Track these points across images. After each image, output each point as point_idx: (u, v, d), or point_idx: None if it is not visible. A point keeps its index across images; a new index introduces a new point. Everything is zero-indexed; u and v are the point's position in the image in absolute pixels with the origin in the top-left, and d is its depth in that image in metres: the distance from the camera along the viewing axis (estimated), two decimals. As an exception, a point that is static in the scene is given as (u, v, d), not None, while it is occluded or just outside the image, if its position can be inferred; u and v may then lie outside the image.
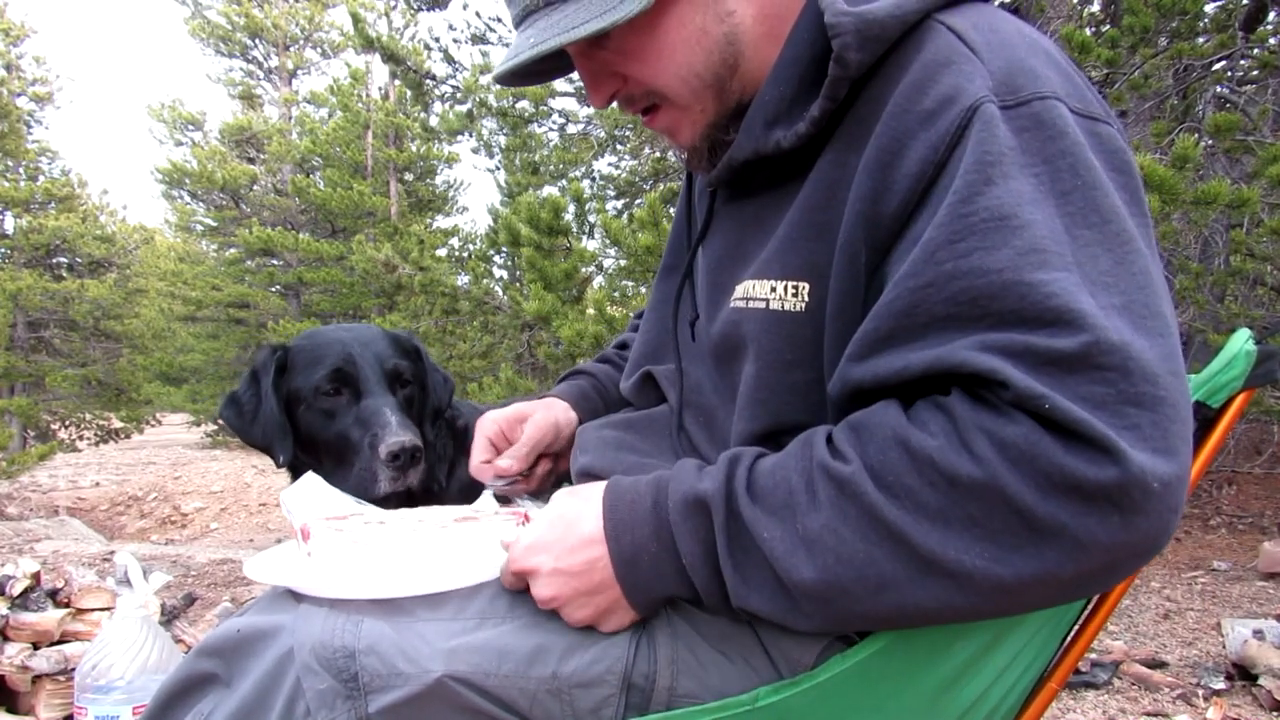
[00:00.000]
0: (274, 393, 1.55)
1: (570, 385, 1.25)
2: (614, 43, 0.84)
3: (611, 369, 1.29)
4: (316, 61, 18.14)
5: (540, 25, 0.82)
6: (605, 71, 0.88)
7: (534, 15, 0.83)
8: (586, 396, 1.22)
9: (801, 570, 0.67)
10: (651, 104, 0.89)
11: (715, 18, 0.82)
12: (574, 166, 10.05)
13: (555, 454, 1.19)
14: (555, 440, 1.16)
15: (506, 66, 0.84)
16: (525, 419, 1.15)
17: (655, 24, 0.81)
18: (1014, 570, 0.61)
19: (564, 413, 1.18)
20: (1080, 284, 0.63)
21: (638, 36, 0.82)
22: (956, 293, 0.65)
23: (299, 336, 1.67)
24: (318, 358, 1.57)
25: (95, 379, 16.43)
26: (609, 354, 1.33)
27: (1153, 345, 0.62)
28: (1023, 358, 0.62)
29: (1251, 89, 4.70)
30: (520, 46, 0.83)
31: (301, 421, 1.57)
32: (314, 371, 1.56)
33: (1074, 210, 0.66)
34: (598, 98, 0.90)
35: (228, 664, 0.79)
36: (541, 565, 0.77)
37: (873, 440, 0.67)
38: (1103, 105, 0.75)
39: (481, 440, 1.14)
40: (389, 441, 1.45)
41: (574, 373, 1.30)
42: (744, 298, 0.85)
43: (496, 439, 1.14)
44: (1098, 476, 0.58)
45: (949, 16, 0.76)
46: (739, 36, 0.83)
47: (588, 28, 0.78)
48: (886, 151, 0.72)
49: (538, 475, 1.17)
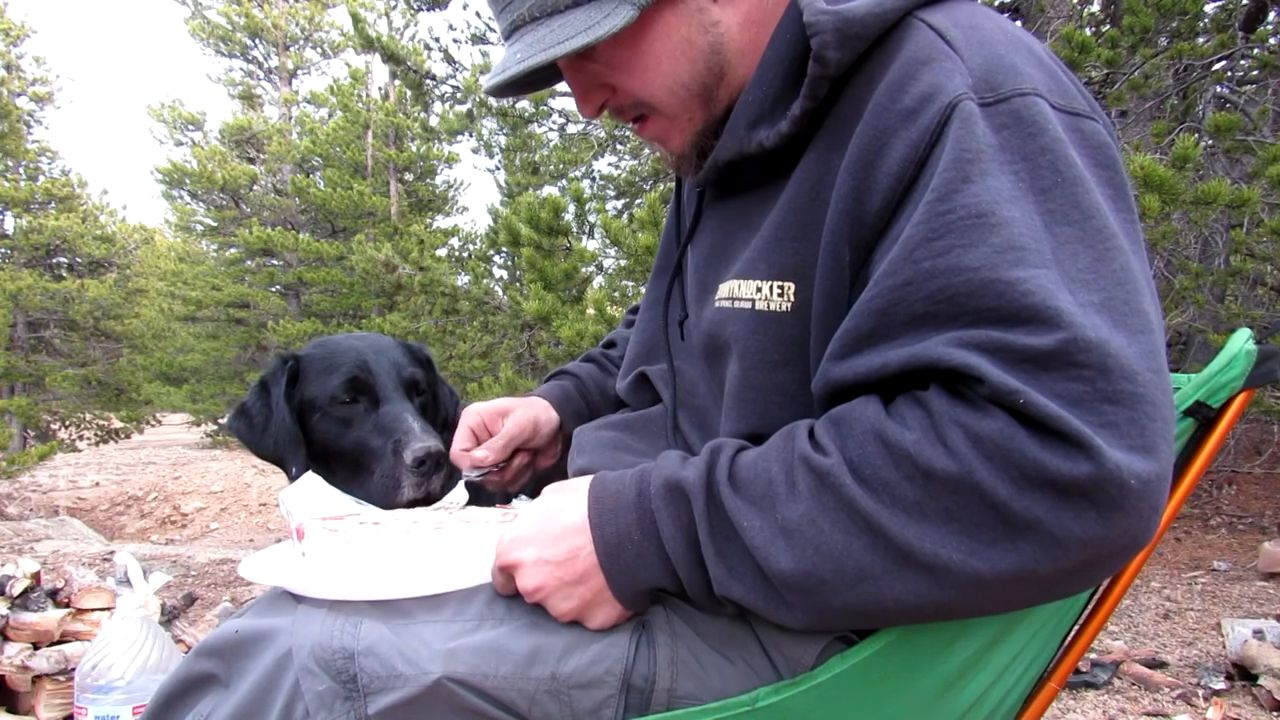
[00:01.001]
0: (286, 403, 1.53)
1: (553, 385, 1.27)
2: (601, 55, 0.84)
3: (596, 369, 1.30)
4: (316, 61, 18.15)
5: (528, 39, 0.82)
6: (594, 83, 0.89)
7: (522, 29, 0.84)
8: (569, 398, 1.25)
9: (780, 560, 0.67)
10: (641, 114, 0.90)
11: (700, 28, 0.83)
12: (574, 166, 10.06)
13: (534, 450, 1.21)
14: (534, 436, 1.18)
15: (495, 81, 0.85)
16: (507, 413, 1.17)
17: (641, 37, 0.82)
18: (991, 564, 0.61)
19: (545, 411, 1.21)
20: (1059, 281, 0.63)
21: (624, 49, 0.83)
22: (935, 291, 0.65)
23: (310, 345, 1.65)
24: (332, 366, 1.56)
25: (95, 379, 16.43)
26: (594, 354, 1.35)
27: (1132, 342, 0.62)
28: (999, 354, 0.62)
29: (1251, 89, 4.70)
30: (508, 61, 0.84)
31: (316, 431, 1.55)
32: (329, 379, 1.54)
33: (1053, 207, 0.66)
34: (587, 108, 0.91)
35: (227, 665, 0.79)
36: (525, 557, 0.77)
37: (852, 434, 0.67)
38: (1088, 100, 0.75)
39: (463, 429, 1.17)
40: (414, 447, 1.43)
41: (558, 373, 1.31)
42: (729, 297, 0.86)
43: (478, 429, 1.17)
44: (1072, 472, 0.59)
45: (929, 14, 0.76)
46: (724, 45, 0.84)
47: (573, 43, 0.78)
48: (868, 150, 0.72)
49: (514, 468, 1.19)
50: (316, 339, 1.69)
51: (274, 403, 1.55)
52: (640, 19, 0.79)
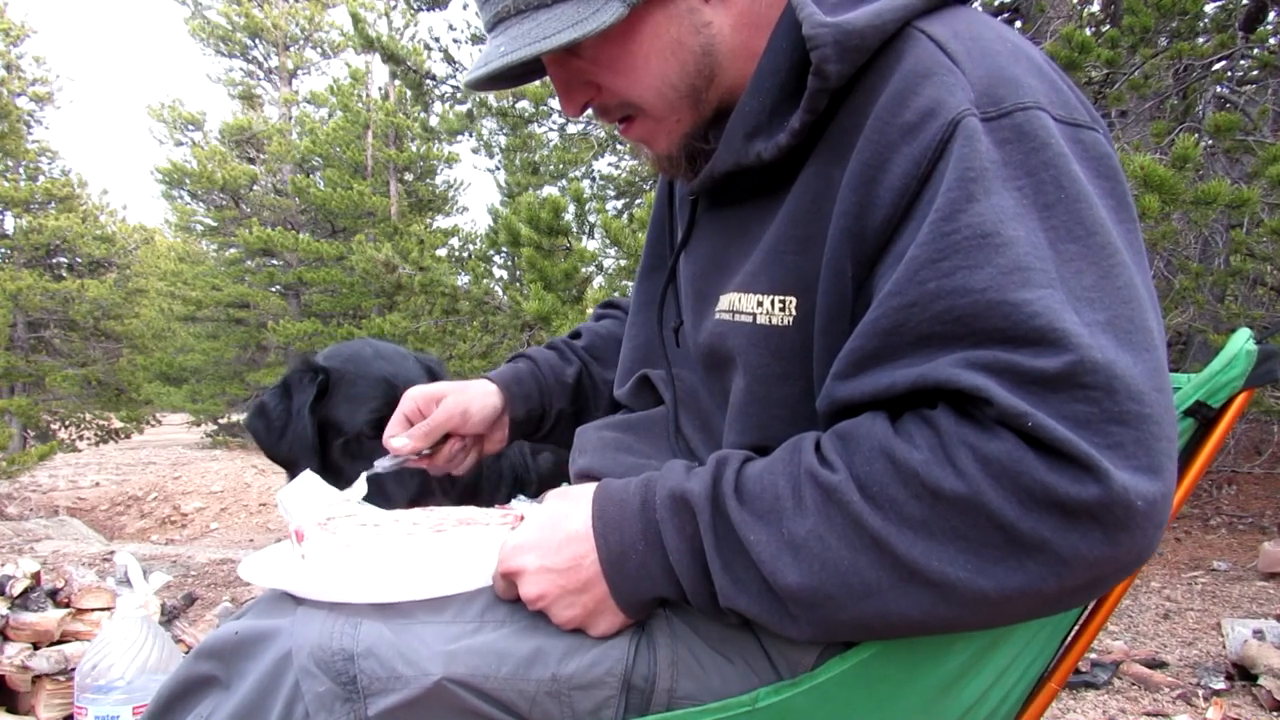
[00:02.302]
0: (310, 416, 1.54)
1: (508, 367, 1.26)
2: (588, 52, 0.83)
3: (555, 356, 1.29)
4: (316, 61, 18.15)
5: (512, 33, 0.80)
6: (579, 80, 0.87)
7: (507, 21, 0.82)
8: (520, 380, 1.23)
9: (787, 574, 0.67)
10: (626, 114, 0.88)
11: (691, 29, 0.81)
12: (574, 166, 10.06)
13: (475, 436, 1.20)
14: (464, 423, 1.16)
15: (477, 74, 0.83)
16: (440, 400, 1.16)
17: (629, 35, 0.80)
18: (996, 583, 0.62)
19: (481, 397, 1.18)
20: (1064, 301, 0.63)
21: (611, 47, 0.81)
22: (941, 312, 0.65)
23: (336, 358, 1.64)
24: (361, 395, 1.57)
25: (95, 379, 16.43)
26: (557, 342, 1.33)
27: (1137, 361, 0.62)
28: (1006, 376, 0.62)
29: (1251, 89, 4.70)
30: (491, 54, 0.82)
31: (335, 452, 1.57)
32: (357, 411, 1.55)
33: (1057, 224, 0.66)
34: (570, 106, 0.89)
35: (226, 666, 0.79)
36: (528, 564, 0.77)
37: (859, 450, 0.67)
38: (1088, 110, 0.74)
39: (398, 415, 1.16)
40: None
41: (517, 356, 1.30)
42: (730, 310, 0.85)
43: (413, 415, 1.16)
44: (1080, 495, 0.59)
45: (929, 24, 0.75)
46: (715, 48, 0.82)
47: (560, 38, 0.77)
48: (869, 166, 0.71)
49: (444, 453, 1.18)
50: (341, 349, 1.67)
51: (296, 410, 1.55)
52: (630, 17, 0.78)
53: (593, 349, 1.31)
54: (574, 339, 1.34)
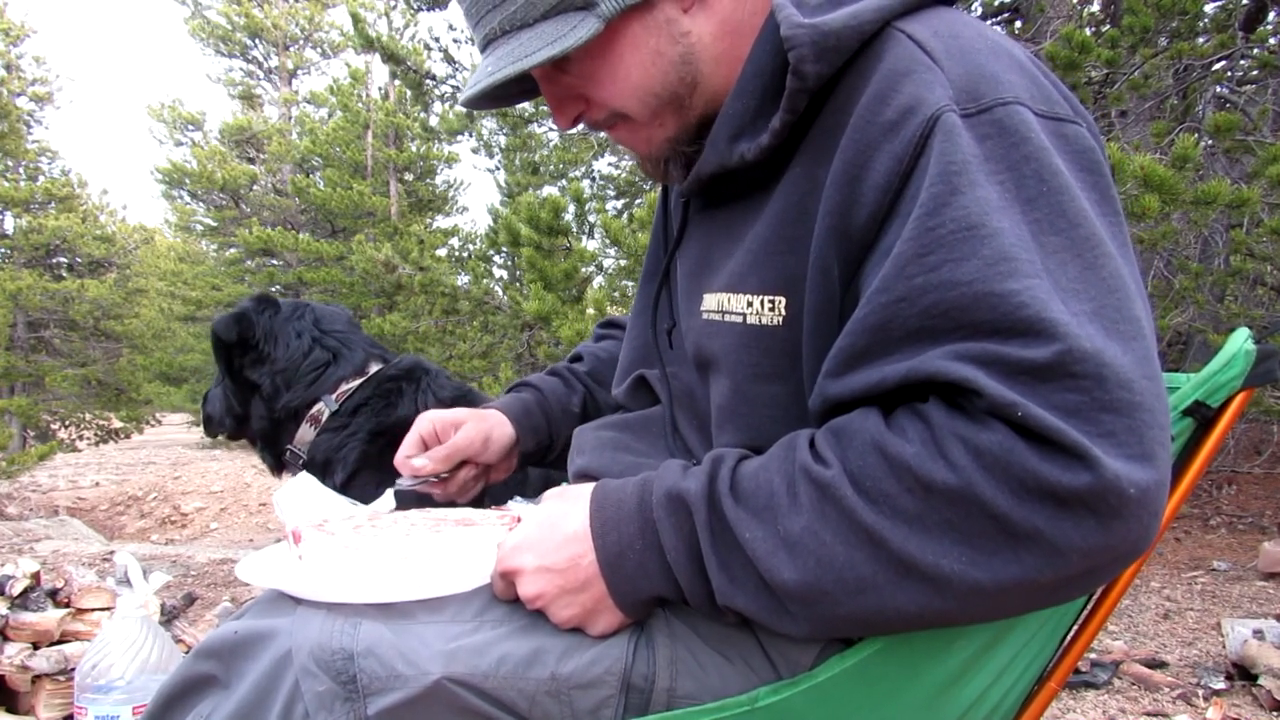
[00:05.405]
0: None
1: (513, 399, 1.26)
2: (574, 67, 0.85)
3: (559, 384, 1.30)
4: (316, 61, 18.16)
5: (500, 53, 0.83)
6: (568, 95, 0.89)
7: (495, 42, 0.84)
8: (529, 412, 1.24)
9: (783, 571, 0.67)
10: (614, 122, 0.90)
11: (669, 39, 0.83)
12: (574, 166, 10.07)
13: (486, 464, 1.21)
14: (483, 450, 1.17)
15: (468, 94, 0.86)
16: (460, 424, 1.17)
17: (609, 48, 0.82)
18: (992, 574, 0.62)
19: (499, 426, 1.20)
20: (1051, 291, 0.63)
21: (593, 60, 0.83)
22: (928, 306, 0.65)
23: None
24: None
25: (95, 379, 16.41)
26: (559, 368, 1.34)
27: (1126, 350, 0.63)
28: (995, 367, 0.62)
29: (1251, 89, 4.70)
30: (481, 74, 0.84)
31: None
32: None
33: (1040, 216, 0.66)
34: (562, 120, 0.91)
35: (226, 666, 0.79)
36: (526, 564, 0.77)
37: (852, 445, 0.67)
38: (1071, 103, 0.75)
39: (413, 435, 1.16)
40: None
41: (520, 384, 1.31)
42: (718, 310, 0.86)
43: (429, 438, 1.16)
44: (1072, 483, 0.59)
45: (908, 24, 0.75)
46: (695, 55, 0.84)
47: (539, 56, 0.79)
48: (852, 164, 0.72)
49: (458, 480, 1.19)
50: None
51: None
52: (607, 31, 0.80)
53: (595, 374, 1.33)
54: (575, 363, 1.35)
